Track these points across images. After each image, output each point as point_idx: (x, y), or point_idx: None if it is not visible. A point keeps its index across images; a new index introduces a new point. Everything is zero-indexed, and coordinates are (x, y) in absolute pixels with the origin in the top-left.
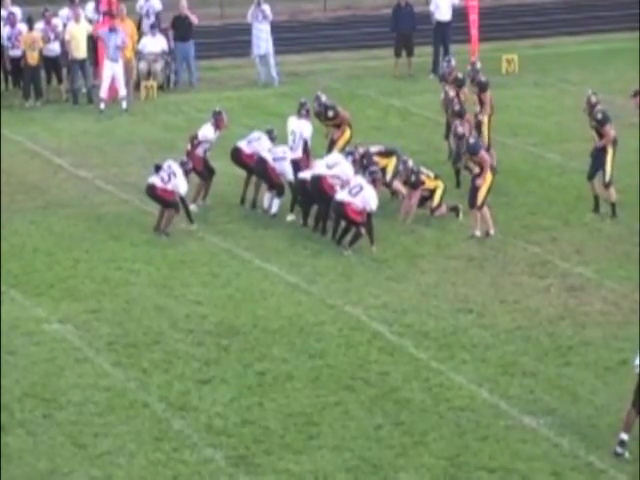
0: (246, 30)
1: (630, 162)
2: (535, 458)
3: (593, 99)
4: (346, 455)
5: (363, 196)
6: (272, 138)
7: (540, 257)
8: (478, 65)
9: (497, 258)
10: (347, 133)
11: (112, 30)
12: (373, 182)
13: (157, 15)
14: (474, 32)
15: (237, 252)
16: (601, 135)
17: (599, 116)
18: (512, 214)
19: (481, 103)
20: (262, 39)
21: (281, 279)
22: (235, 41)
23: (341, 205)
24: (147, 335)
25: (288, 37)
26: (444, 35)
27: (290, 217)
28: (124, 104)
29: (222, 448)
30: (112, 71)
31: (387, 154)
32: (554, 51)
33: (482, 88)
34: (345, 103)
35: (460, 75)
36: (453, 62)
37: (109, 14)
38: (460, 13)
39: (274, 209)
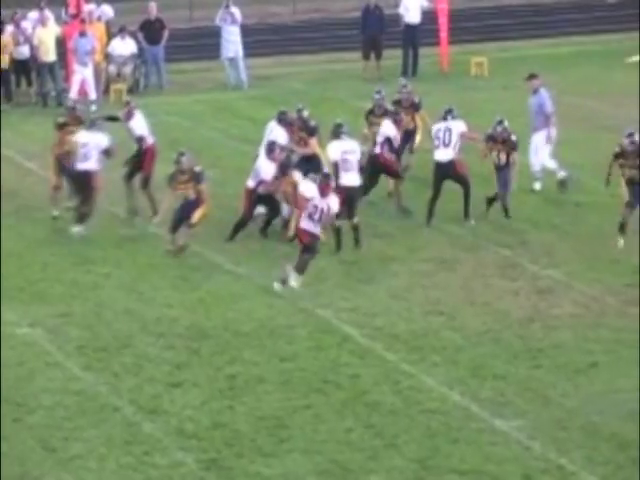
0: (215, 33)
1: (599, 164)
2: (506, 461)
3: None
4: (317, 458)
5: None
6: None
7: (510, 260)
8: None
9: (468, 261)
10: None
11: (82, 35)
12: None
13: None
14: (443, 35)
15: (207, 255)
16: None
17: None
18: (482, 217)
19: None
20: (231, 42)
21: (252, 282)
22: (204, 44)
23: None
24: (117, 339)
25: (257, 40)
26: (413, 38)
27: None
28: (93, 107)
29: (193, 451)
30: (82, 75)
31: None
32: (523, 54)
33: (416, 108)
34: (314, 106)
35: (417, 99)
36: (410, 87)
37: (78, 17)
38: (429, 16)
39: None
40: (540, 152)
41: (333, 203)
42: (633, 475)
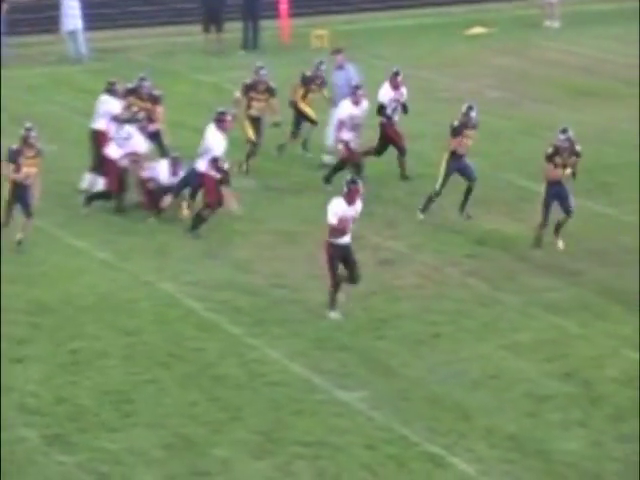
0: (56, 6)
1: (439, 135)
2: (349, 431)
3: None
4: (161, 432)
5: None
6: None
7: (353, 232)
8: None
9: (311, 233)
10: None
11: None
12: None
13: None
14: (284, 7)
15: (49, 230)
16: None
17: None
18: (322, 187)
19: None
20: (71, 15)
21: (94, 256)
22: (45, 17)
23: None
24: None
25: (98, 13)
26: (253, 10)
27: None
28: None
29: (36, 427)
30: None
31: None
32: (365, 26)
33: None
34: (156, 79)
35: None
36: (324, 66)
37: None
38: None
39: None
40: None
41: (359, 207)
42: (476, 445)
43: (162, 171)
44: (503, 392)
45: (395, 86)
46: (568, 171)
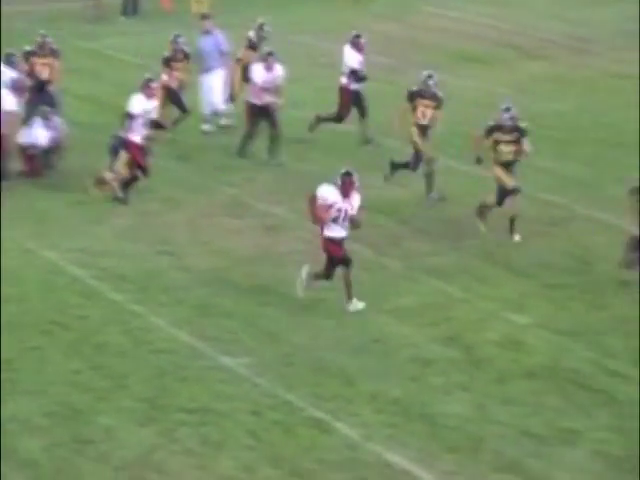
0: None
1: (321, 101)
2: (234, 398)
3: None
4: (45, 400)
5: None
6: None
7: (237, 198)
8: None
9: (194, 200)
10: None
11: None
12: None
13: None
14: None
15: None
16: None
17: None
18: (207, 155)
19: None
20: None
21: None
22: None
23: None
24: None
25: None
26: None
27: None
28: None
29: None
30: None
31: None
32: None
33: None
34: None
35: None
36: (182, 39)
37: None
38: None
39: None
40: (215, 94)
41: (355, 202)
42: (360, 410)
43: (39, 133)
44: (387, 357)
45: (360, 49)
46: (510, 147)
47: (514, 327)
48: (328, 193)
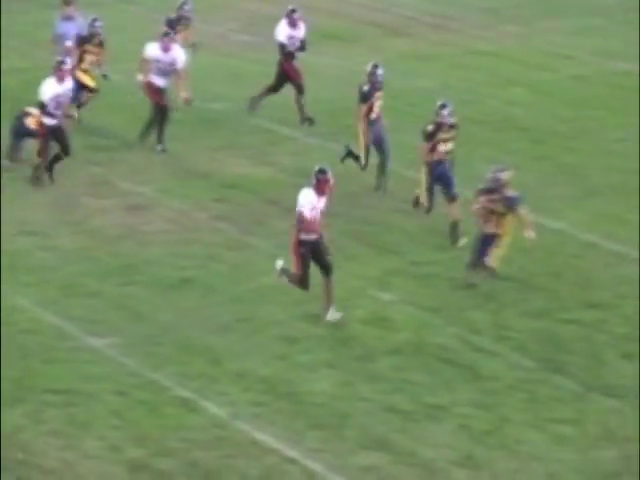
0: None
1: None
2: (100, 378)
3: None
4: None
5: None
6: None
7: (101, 177)
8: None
9: (58, 179)
10: None
11: None
12: None
13: None
14: None
15: None
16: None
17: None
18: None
19: None
20: None
21: None
22: None
23: None
24: None
25: None
26: None
27: None
28: None
29: None
30: None
31: None
32: None
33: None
34: None
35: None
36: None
37: None
38: None
39: None
40: None
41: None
42: (227, 388)
43: None
44: (254, 335)
45: (293, 24)
46: (449, 146)
47: (380, 304)
48: (310, 197)
